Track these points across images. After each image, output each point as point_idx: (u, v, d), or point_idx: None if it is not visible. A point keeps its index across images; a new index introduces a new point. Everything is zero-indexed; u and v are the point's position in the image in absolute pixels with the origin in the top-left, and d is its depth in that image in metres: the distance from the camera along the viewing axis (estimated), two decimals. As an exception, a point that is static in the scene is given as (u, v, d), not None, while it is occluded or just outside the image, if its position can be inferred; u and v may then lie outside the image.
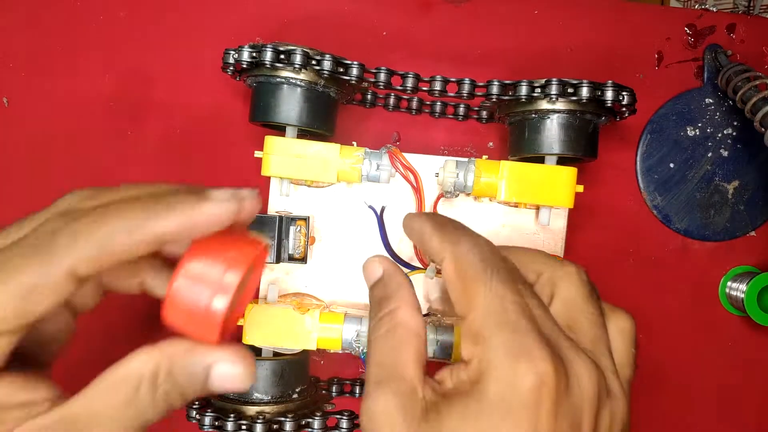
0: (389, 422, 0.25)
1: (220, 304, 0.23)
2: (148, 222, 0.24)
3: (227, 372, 0.26)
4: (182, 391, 0.26)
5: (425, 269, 0.43)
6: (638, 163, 0.50)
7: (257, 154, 0.42)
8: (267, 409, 0.41)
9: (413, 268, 0.43)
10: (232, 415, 0.39)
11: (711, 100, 0.50)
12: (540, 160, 0.42)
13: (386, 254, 0.43)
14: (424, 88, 0.43)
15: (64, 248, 0.23)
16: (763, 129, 0.43)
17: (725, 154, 0.50)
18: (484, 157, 0.43)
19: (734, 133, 0.50)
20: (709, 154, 0.50)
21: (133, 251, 0.24)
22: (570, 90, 0.40)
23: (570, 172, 0.41)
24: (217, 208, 0.25)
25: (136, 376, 0.24)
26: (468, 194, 0.42)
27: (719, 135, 0.50)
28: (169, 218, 0.24)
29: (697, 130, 0.50)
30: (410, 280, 0.31)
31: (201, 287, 0.23)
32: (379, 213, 0.44)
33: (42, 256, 0.24)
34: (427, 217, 0.31)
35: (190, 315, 0.23)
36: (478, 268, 0.27)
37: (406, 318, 0.29)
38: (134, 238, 0.24)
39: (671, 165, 0.50)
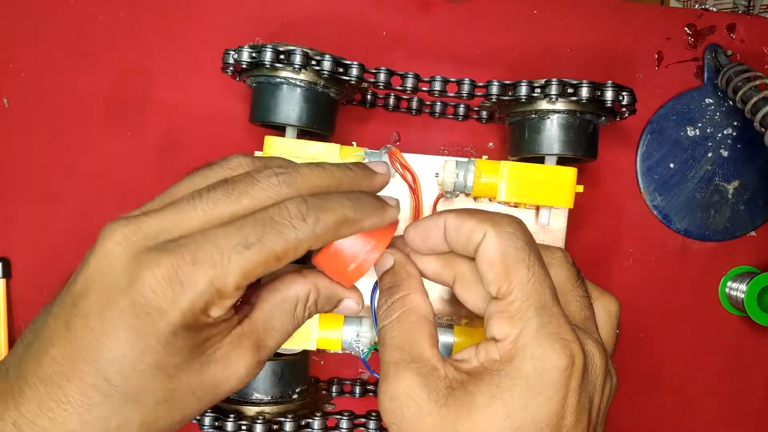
0: (414, 401, 0.26)
1: (371, 258, 0.31)
2: (356, 223, 0.29)
3: (351, 306, 0.33)
4: (319, 311, 0.32)
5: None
6: (638, 163, 0.50)
7: (257, 154, 0.42)
8: (267, 409, 0.41)
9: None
10: (232, 416, 0.39)
11: (711, 100, 0.50)
12: (540, 160, 0.42)
13: None
14: (424, 88, 0.43)
15: (319, 233, 0.28)
16: (763, 129, 0.43)
17: (725, 154, 0.50)
18: (484, 157, 0.43)
19: (734, 133, 0.50)
20: (709, 154, 0.50)
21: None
22: (570, 90, 0.40)
23: (570, 173, 0.41)
24: (396, 213, 0.31)
25: (295, 298, 0.31)
26: (468, 194, 0.42)
27: (719, 135, 0.50)
28: (366, 221, 0.29)
29: (697, 130, 0.50)
30: (418, 271, 0.32)
31: (357, 248, 0.31)
32: None
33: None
34: (441, 212, 0.32)
35: (341, 264, 0.31)
36: (522, 249, 0.28)
37: (417, 303, 0.30)
38: (344, 232, 0.29)
39: (671, 165, 0.50)
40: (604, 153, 0.44)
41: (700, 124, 0.50)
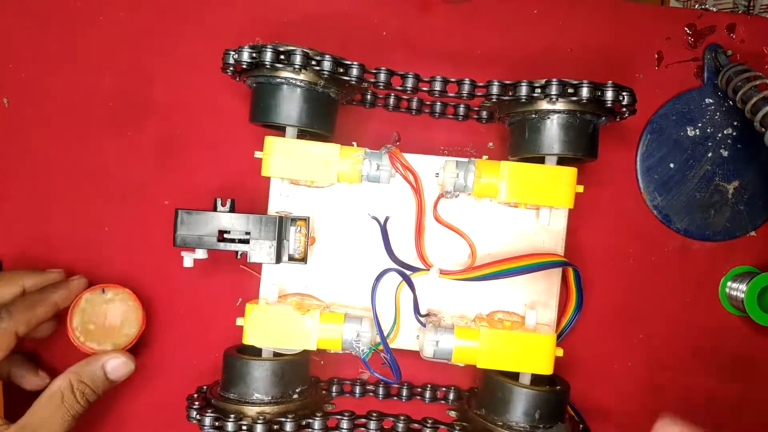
0: None
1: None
2: (50, 297, 0.44)
3: (116, 363, 0.44)
4: (94, 387, 0.43)
5: (428, 270, 0.43)
6: (638, 163, 0.50)
7: (257, 154, 0.42)
8: (267, 409, 0.41)
9: (416, 269, 0.43)
10: (232, 416, 0.39)
11: (711, 100, 0.50)
12: (540, 160, 0.42)
13: (390, 261, 0.43)
14: (424, 88, 0.43)
15: (8, 320, 0.42)
16: (763, 129, 0.43)
17: (725, 154, 0.50)
18: (484, 157, 0.43)
19: (734, 133, 0.50)
20: (709, 154, 0.50)
21: (45, 316, 0.43)
22: (570, 90, 0.40)
23: (570, 173, 0.41)
24: (79, 282, 0.46)
25: (59, 390, 0.41)
26: (468, 194, 0.42)
27: (719, 135, 0.50)
28: (58, 293, 0.45)
29: (697, 130, 0.50)
30: None
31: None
32: (383, 223, 0.44)
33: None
34: None
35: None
36: None
37: None
38: (46, 308, 0.44)
39: (671, 165, 0.50)
40: (604, 153, 0.44)
41: (700, 124, 0.50)
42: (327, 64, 0.39)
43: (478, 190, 0.42)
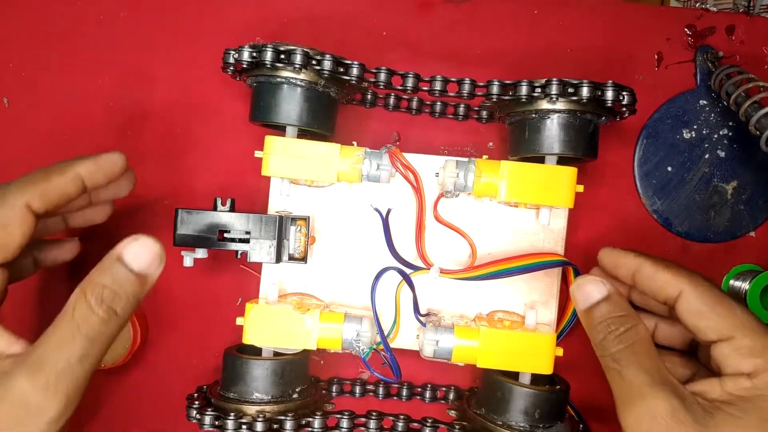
0: (676, 420, 0.29)
1: None
2: (72, 166, 0.36)
3: (137, 247, 0.32)
4: (115, 287, 0.31)
5: (428, 270, 0.43)
6: (636, 168, 0.50)
7: (257, 154, 0.42)
8: (267, 408, 0.41)
9: (417, 268, 0.43)
10: (232, 415, 0.39)
11: (705, 102, 0.50)
12: (540, 160, 0.42)
13: (391, 256, 0.43)
14: (424, 88, 0.43)
15: (16, 190, 0.33)
16: (758, 132, 0.43)
17: (722, 154, 0.50)
18: (484, 157, 0.43)
19: (730, 134, 0.50)
20: (707, 156, 0.50)
21: (66, 189, 0.35)
22: (570, 90, 0.40)
23: (570, 172, 0.41)
24: (112, 156, 0.38)
25: (68, 307, 0.30)
26: (468, 194, 0.42)
27: (715, 136, 0.50)
28: (84, 163, 0.36)
29: (692, 132, 0.50)
30: None
31: None
32: (384, 216, 0.44)
33: (1, 200, 0.33)
34: (638, 254, 0.38)
35: None
36: (722, 294, 0.33)
37: (647, 334, 0.34)
38: (66, 177, 0.35)
39: (669, 168, 0.50)
40: (604, 153, 0.44)
41: (695, 126, 0.50)
42: (327, 64, 0.40)
43: (478, 190, 0.42)
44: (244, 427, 0.39)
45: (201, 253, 0.41)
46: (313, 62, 0.40)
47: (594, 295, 0.36)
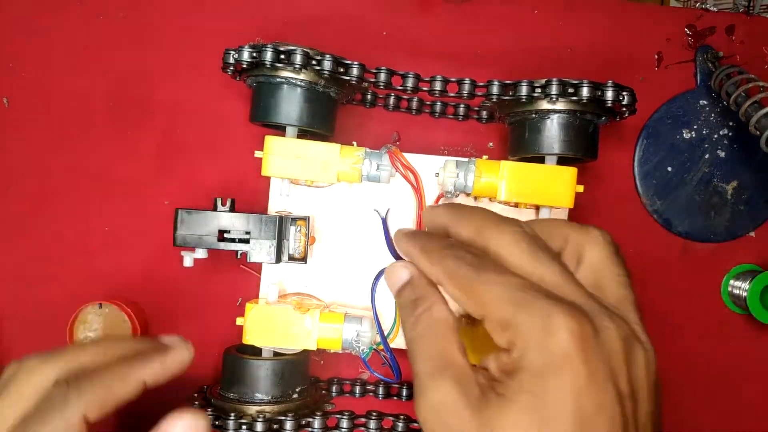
0: (454, 409, 0.27)
1: None
2: (136, 373, 0.33)
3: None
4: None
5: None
6: (636, 168, 0.50)
7: (257, 154, 0.42)
8: (267, 408, 0.41)
9: (414, 268, 0.43)
10: (232, 415, 0.39)
11: (705, 102, 0.50)
12: (540, 160, 0.42)
13: (390, 256, 0.43)
14: (424, 88, 0.43)
15: (75, 401, 0.31)
16: (758, 132, 0.43)
17: (722, 154, 0.50)
18: (484, 157, 0.43)
19: (730, 134, 0.50)
20: (706, 156, 0.50)
21: (126, 397, 0.33)
22: (570, 90, 0.40)
23: (570, 172, 0.41)
24: (180, 354, 0.36)
25: None
26: (468, 194, 0.42)
27: (715, 136, 0.50)
28: (150, 368, 0.34)
29: (692, 133, 0.50)
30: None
31: None
32: (384, 216, 0.44)
33: (60, 411, 0.31)
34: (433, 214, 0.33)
35: None
36: (467, 274, 0.29)
37: (443, 314, 0.31)
38: (127, 388, 0.33)
39: (669, 169, 0.50)
40: (604, 153, 0.44)
41: (695, 126, 0.50)
42: (327, 64, 0.40)
43: (478, 190, 0.42)
44: (244, 427, 0.39)
45: (201, 253, 0.41)
46: (313, 62, 0.40)
47: (403, 278, 0.34)
